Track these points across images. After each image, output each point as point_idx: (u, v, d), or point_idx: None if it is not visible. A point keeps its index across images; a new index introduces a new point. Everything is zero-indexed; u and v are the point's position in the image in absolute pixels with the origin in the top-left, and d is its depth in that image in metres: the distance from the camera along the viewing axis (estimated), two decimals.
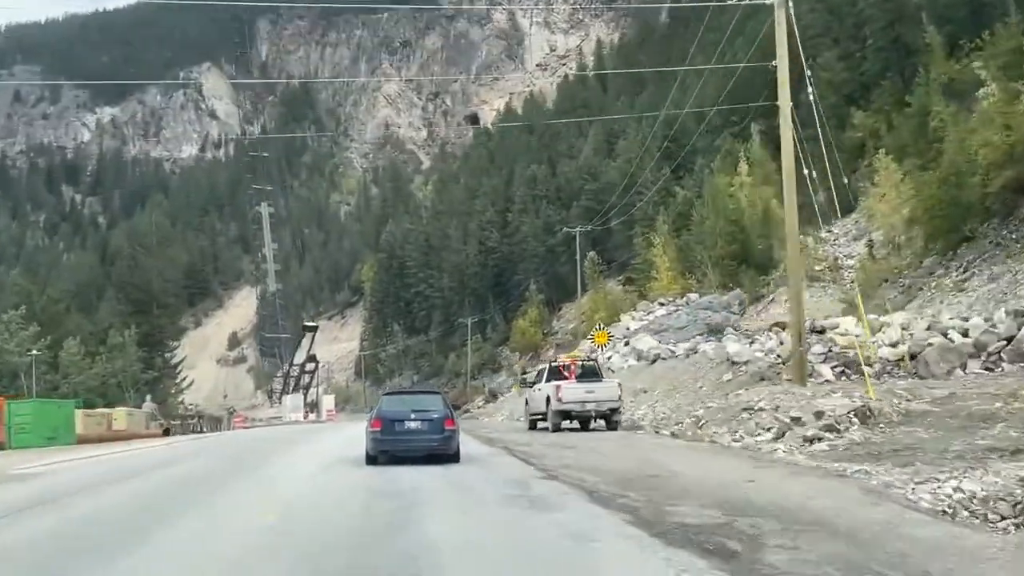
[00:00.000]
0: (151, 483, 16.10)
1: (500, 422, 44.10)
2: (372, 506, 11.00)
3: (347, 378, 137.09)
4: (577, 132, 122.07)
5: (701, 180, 74.91)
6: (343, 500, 11.80)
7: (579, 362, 27.93)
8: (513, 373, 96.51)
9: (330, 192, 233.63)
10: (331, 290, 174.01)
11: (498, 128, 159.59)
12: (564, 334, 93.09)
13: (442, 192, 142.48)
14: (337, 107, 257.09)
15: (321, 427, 44.89)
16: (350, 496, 12.17)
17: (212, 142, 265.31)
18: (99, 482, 16.31)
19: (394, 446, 16.61)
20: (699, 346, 31.32)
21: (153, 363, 70.63)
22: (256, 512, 10.97)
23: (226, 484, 14.94)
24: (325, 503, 11.67)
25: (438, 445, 16.63)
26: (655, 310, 52.68)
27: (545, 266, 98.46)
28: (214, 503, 12.18)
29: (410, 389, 27.71)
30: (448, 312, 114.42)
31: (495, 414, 51.09)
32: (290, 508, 11.20)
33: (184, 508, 11.55)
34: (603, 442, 20.31)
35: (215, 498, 12.78)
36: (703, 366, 27.70)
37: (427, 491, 12.23)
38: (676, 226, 71.87)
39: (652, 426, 23.87)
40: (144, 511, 11.62)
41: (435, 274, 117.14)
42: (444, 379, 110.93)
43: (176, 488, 14.75)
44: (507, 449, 20.34)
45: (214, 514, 11.08)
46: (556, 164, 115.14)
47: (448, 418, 16.87)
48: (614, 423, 24.69)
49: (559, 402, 24.48)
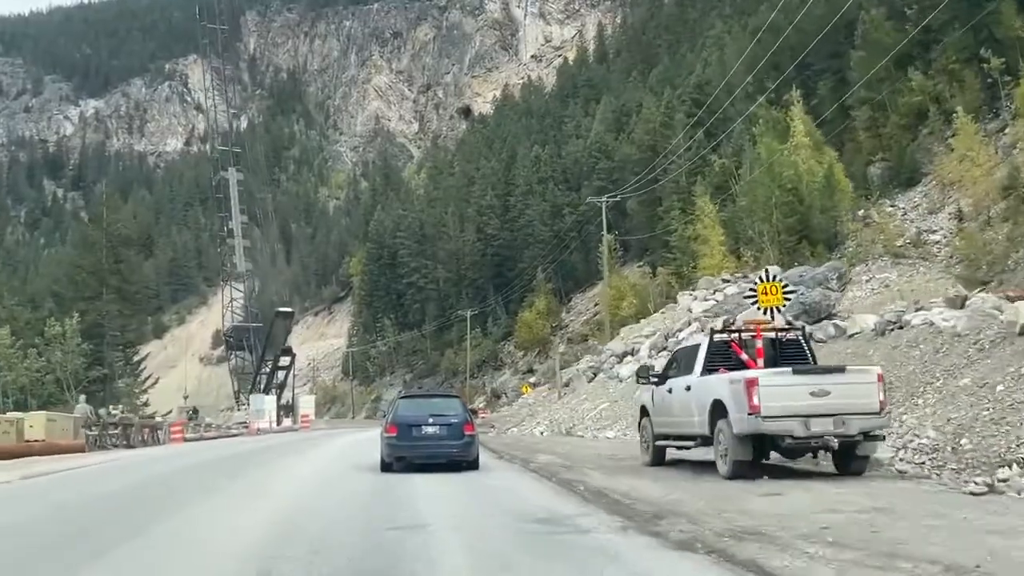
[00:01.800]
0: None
1: (542, 436, 32.12)
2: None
3: (334, 377, 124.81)
4: (582, 112, 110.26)
5: (740, 148, 63.17)
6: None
7: (773, 331, 14.19)
8: (518, 371, 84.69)
9: (318, 186, 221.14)
10: (318, 284, 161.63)
11: (496, 112, 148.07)
12: (581, 325, 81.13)
13: (436, 178, 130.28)
14: (326, 100, 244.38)
15: (292, 441, 32.86)
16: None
17: (198, 136, 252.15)
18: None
19: (411, 452, 15.52)
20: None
21: (103, 358, 58.30)
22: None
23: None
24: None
25: (457, 452, 15.52)
26: (722, 287, 40.78)
27: (553, 254, 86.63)
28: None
29: (427, 392, 23.55)
30: (444, 305, 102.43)
31: (523, 422, 38.78)
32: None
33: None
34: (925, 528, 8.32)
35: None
36: (926, 346, 15.81)
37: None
38: (713, 200, 60.31)
39: (912, 462, 11.80)
40: None
41: (429, 264, 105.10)
42: (440, 378, 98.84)
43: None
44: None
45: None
46: (562, 145, 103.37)
47: (467, 423, 15.77)
48: (860, 461, 12.04)
49: (752, 415, 11.66)
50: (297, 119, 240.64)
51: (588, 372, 39.87)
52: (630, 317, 57.81)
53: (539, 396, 45.88)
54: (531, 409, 41.35)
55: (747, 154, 61.47)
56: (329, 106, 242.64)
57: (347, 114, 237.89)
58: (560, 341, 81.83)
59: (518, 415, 43.39)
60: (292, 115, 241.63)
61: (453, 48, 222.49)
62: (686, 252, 56.54)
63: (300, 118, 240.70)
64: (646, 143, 75.95)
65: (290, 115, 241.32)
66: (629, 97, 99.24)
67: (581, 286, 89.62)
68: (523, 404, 46.89)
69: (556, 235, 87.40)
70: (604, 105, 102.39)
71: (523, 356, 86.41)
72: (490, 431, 37.09)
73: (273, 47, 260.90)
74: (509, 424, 40.33)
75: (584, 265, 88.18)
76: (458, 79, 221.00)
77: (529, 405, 44.48)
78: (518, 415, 43.39)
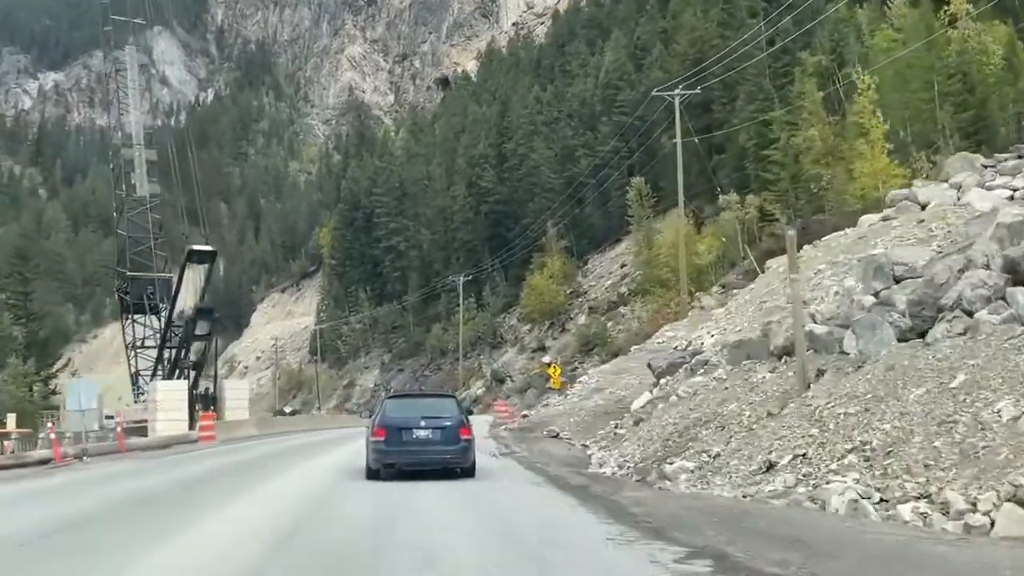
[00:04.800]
0: None
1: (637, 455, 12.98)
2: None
3: (301, 360, 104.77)
4: (588, 51, 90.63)
5: (837, 39, 43.99)
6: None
7: None
8: (525, 348, 65.50)
9: (289, 160, 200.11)
10: (285, 257, 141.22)
11: (482, 68, 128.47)
12: (605, 291, 61.96)
13: (417, 135, 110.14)
14: (297, 71, 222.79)
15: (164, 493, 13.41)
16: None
17: (163, 109, 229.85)
18: None
19: (400, 458, 13.35)
20: None
21: None
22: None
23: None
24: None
25: (452, 457, 13.53)
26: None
27: (565, 207, 67.33)
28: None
29: (418, 392, 20.52)
30: (428, 273, 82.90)
31: (588, 432, 19.52)
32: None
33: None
34: None
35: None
36: None
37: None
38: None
39: None
40: None
41: (411, 226, 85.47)
42: (425, 358, 79.41)
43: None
44: None
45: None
46: (566, 87, 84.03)
47: (463, 426, 13.64)
48: None
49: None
50: (267, 91, 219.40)
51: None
52: (706, 268, 38.90)
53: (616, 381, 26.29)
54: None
55: (849, 49, 42.62)
56: (300, 77, 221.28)
57: (319, 86, 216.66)
58: (579, 311, 62.68)
59: (575, 414, 24.00)
60: (261, 87, 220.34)
61: (430, 15, 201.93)
62: (793, 171, 37.29)
63: (270, 90, 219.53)
64: (690, 57, 56.74)
65: (259, 87, 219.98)
66: (646, 29, 79.78)
67: (599, 245, 70.50)
68: (586, 395, 27.26)
69: (568, 183, 68.15)
70: (615, 40, 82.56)
71: (530, 330, 67.21)
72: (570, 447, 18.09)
73: (241, 18, 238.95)
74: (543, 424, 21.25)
75: (603, 220, 69.14)
76: (436, 48, 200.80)
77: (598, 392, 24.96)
78: (575, 414, 24.00)
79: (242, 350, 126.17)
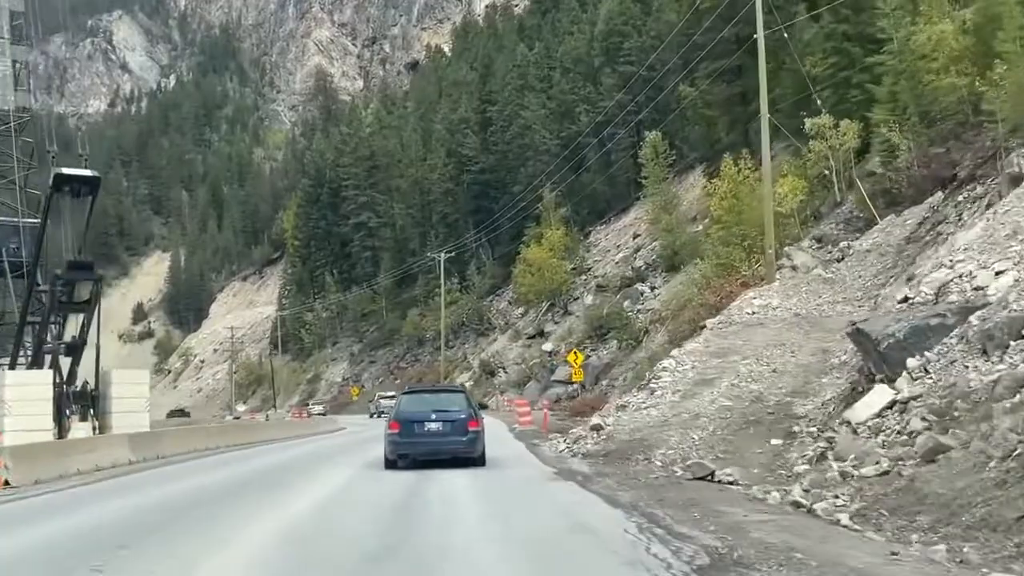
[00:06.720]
0: None
1: None
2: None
3: (261, 352, 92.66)
4: (579, 7, 79.53)
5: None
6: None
7: None
8: (519, 335, 54.28)
9: (253, 147, 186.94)
10: (247, 243, 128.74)
11: (457, 41, 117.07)
12: (613, 266, 50.78)
13: (389, 107, 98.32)
14: (262, 56, 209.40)
15: None
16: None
17: (124, 97, 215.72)
18: None
19: (414, 449, 13.78)
20: None
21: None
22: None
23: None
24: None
25: (461, 448, 13.66)
26: None
27: (563, 172, 56.14)
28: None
29: (431, 387, 20.32)
30: (403, 252, 71.40)
31: None
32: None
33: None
34: None
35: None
36: None
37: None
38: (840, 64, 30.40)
39: None
40: None
41: (384, 200, 73.90)
42: (401, 348, 68.04)
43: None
44: None
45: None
46: (556, 45, 72.89)
47: (472, 419, 13.80)
48: None
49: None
50: (231, 77, 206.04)
51: None
52: (788, 216, 28.06)
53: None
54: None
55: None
56: (265, 63, 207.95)
57: (285, 71, 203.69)
58: (584, 290, 51.61)
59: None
60: (225, 73, 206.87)
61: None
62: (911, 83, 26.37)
63: (234, 75, 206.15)
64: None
65: (223, 73, 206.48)
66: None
67: (603, 216, 59.44)
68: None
69: (565, 145, 57.02)
70: None
71: (524, 314, 56.01)
72: None
73: (205, 3, 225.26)
74: None
75: (608, 187, 58.19)
76: (406, 31, 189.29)
77: None
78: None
79: (199, 342, 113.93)
